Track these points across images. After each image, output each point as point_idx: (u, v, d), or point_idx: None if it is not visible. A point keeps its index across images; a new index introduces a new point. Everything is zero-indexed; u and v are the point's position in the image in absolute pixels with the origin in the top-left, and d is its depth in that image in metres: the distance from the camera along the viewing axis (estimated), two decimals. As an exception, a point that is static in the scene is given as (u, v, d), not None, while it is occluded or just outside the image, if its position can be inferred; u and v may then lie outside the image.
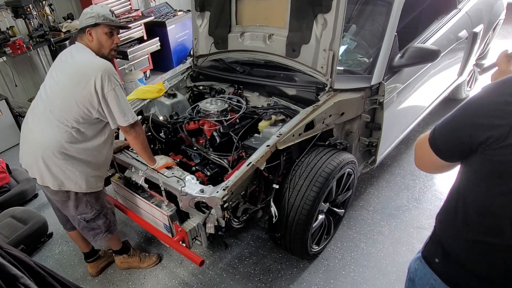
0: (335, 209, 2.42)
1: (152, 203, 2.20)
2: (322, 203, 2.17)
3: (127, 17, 5.19)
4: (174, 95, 2.74)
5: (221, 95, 2.68)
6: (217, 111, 2.42)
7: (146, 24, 5.30)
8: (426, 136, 1.07)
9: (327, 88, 2.26)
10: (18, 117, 4.25)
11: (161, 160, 2.12)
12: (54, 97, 1.89)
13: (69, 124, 1.87)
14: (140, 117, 2.56)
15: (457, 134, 0.99)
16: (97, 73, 1.79)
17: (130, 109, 1.92)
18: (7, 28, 4.34)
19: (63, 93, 1.87)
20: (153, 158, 2.08)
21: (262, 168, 1.96)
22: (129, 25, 4.89)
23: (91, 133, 1.94)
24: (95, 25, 1.92)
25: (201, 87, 2.94)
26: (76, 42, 2.00)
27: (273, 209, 2.04)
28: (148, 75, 5.62)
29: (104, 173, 2.14)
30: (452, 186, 1.11)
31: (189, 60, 3.08)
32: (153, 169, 2.10)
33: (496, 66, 1.25)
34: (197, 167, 2.21)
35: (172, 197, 2.10)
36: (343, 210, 2.52)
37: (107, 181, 2.46)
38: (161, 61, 5.67)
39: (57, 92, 1.89)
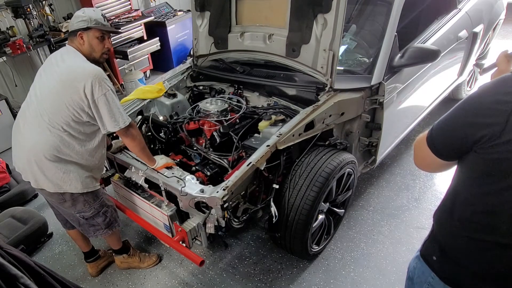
0: (335, 209, 2.42)
1: (152, 203, 2.20)
2: (322, 203, 2.17)
3: (127, 17, 5.19)
4: (174, 95, 2.74)
5: (221, 95, 2.68)
6: (217, 111, 2.42)
7: (146, 24, 5.30)
8: (425, 135, 1.08)
9: (327, 88, 2.26)
10: (18, 117, 4.26)
11: (161, 160, 2.11)
12: (44, 101, 1.88)
13: (60, 127, 1.86)
14: (139, 117, 2.56)
15: (453, 134, 1.00)
16: (87, 79, 1.78)
17: (121, 114, 1.89)
18: (7, 28, 4.35)
19: (53, 96, 1.86)
20: (152, 158, 2.08)
21: (262, 168, 1.96)
22: (126, 27, 4.94)
23: (83, 137, 1.93)
24: (87, 28, 1.91)
25: (201, 87, 2.94)
26: (66, 44, 1.99)
27: (273, 209, 2.04)
28: (148, 75, 5.62)
29: (98, 175, 2.13)
30: (449, 185, 1.12)
31: (189, 60, 3.08)
32: (153, 169, 2.10)
33: (496, 66, 1.26)
34: (197, 167, 2.20)
35: (172, 197, 2.10)
36: (343, 210, 2.52)
37: (107, 181, 2.47)
38: (161, 61, 5.67)
39: (47, 96, 1.88)
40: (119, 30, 2.39)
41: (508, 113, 0.87)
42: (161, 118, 2.64)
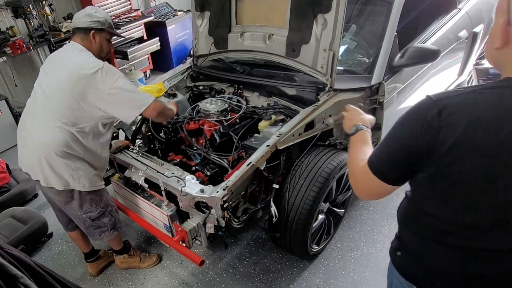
0: (335, 209, 2.42)
1: (152, 203, 2.19)
2: (322, 203, 2.17)
3: (127, 17, 5.19)
4: (174, 95, 2.74)
5: (221, 95, 2.68)
6: (217, 111, 2.42)
7: (146, 24, 5.29)
8: (361, 166, 1.11)
9: (327, 88, 2.26)
10: (18, 117, 4.21)
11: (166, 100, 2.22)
12: (53, 97, 1.88)
13: (70, 123, 1.86)
14: (140, 117, 2.56)
15: (398, 153, 1.01)
16: (96, 72, 1.80)
17: (140, 93, 1.94)
18: (7, 28, 4.34)
19: (62, 92, 1.85)
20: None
21: (262, 168, 1.96)
22: (126, 27, 4.99)
23: (92, 133, 1.94)
24: (101, 30, 1.95)
25: (201, 87, 2.94)
26: (72, 41, 1.98)
27: (273, 209, 2.04)
28: (148, 75, 5.62)
29: (103, 174, 2.14)
30: (408, 197, 1.14)
31: (189, 60, 3.08)
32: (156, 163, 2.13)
33: (343, 116, 1.51)
34: (197, 167, 2.21)
35: (172, 197, 2.10)
36: (343, 210, 2.52)
37: (107, 181, 2.46)
38: (161, 61, 5.67)
39: (56, 92, 1.87)
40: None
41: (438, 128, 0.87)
42: (161, 118, 2.63)
